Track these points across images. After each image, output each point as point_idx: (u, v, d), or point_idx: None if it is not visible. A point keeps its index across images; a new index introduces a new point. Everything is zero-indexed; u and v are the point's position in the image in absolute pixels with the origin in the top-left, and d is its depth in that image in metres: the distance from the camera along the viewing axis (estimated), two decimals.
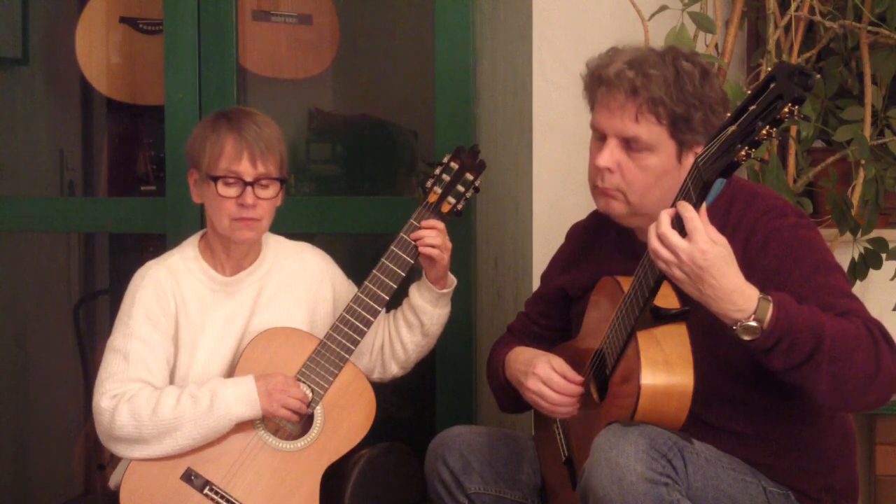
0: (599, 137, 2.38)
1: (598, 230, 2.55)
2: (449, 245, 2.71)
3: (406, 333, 2.78)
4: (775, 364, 2.14)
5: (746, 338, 2.11)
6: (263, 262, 2.73)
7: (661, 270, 2.13)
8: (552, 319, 2.66)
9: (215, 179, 2.59)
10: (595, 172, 2.38)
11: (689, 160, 2.31)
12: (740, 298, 2.10)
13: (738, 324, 2.10)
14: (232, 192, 2.60)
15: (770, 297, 2.11)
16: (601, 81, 2.36)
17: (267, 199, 2.63)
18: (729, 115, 2.14)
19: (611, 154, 2.34)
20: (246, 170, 2.60)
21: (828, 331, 2.12)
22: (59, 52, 3.77)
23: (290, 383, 2.60)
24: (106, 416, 2.55)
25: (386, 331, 2.80)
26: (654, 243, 2.10)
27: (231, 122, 2.62)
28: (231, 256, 2.70)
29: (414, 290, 2.77)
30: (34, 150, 3.82)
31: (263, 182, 2.61)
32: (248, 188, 2.60)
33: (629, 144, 2.34)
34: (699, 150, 2.29)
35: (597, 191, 2.39)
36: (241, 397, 2.56)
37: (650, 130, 2.32)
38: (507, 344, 2.66)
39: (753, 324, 2.10)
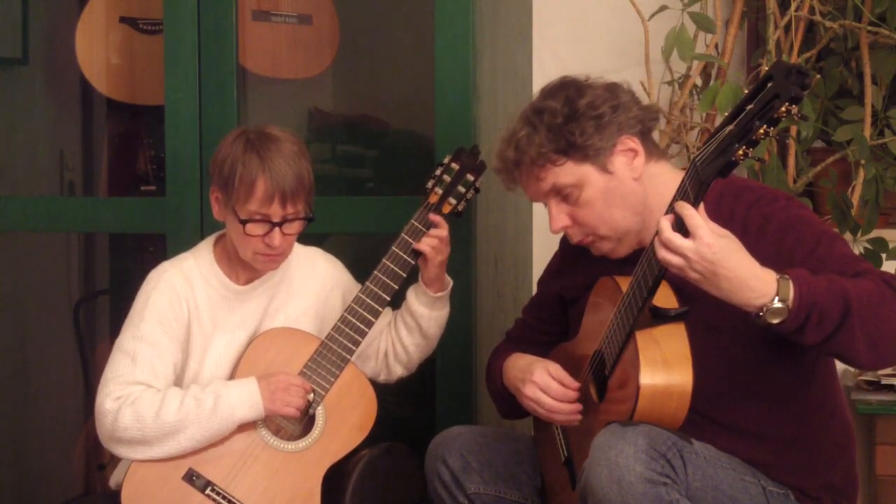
0: (543, 205, 2.45)
1: None
2: (447, 248, 2.71)
3: (406, 336, 2.78)
4: (809, 339, 2.12)
5: (776, 321, 2.09)
6: (276, 272, 2.72)
7: (662, 272, 2.13)
8: (550, 324, 2.66)
9: (244, 221, 2.56)
10: (562, 234, 2.45)
11: (619, 161, 2.36)
12: (759, 284, 2.08)
13: (765, 309, 2.09)
14: (260, 230, 2.57)
15: (787, 275, 2.10)
16: (498, 173, 2.47)
17: (292, 234, 2.61)
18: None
19: (557, 215, 2.41)
20: (275, 212, 2.55)
21: (852, 293, 2.12)
22: (59, 52, 3.77)
23: (292, 381, 2.59)
24: (109, 418, 2.55)
25: (389, 335, 2.81)
26: (662, 252, 2.09)
27: (262, 159, 2.54)
28: (247, 268, 2.68)
29: (411, 294, 2.77)
30: (34, 150, 3.82)
31: (291, 219, 2.59)
32: (276, 228, 2.57)
33: (561, 195, 2.39)
34: (622, 145, 2.35)
35: (578, 244, 2.45)
36: (245, 399, 2.56)
37: (557, 174, 2.37)
38: (505, 350, 2.66)
39: (779, 305, 2.08)
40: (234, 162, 2.57)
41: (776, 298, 2.08)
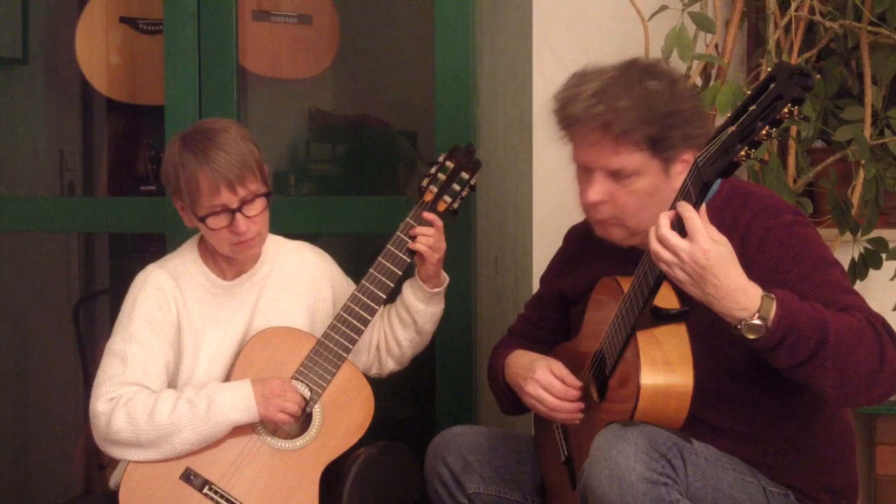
0: (584, 170, 2.36)
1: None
2: (443, 245, 2.71)
3: (400, 330, 2.79)
4: (780, 361, 2.13)
5: (751, 336, 2.10)
6: (263, 265, 2.72)
7: (662, 272, 2.13)
8: (552, 322, 2.66)
9: (202, 219, 2.57)
10: (588, 206, 2.35)
11: (677, 169, 2.30)
12: (743, 297, 2.09)
13: (743, 322, 2.10)
14: (222, 222, 2.57)
15: (773, 295, 2.11)
16: (571, 120, 2.33)
17: (257, 215, 2.60)
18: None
19: (600, 187, 2.32)
20: (229, 200, 2.55)
21: (831, 326, 2.11)
22: (59, 52, 3.77)
23: (286, 387, 2.60)
24: (102, 420, 2.55)
25: (382, 329, 2.81)
26: (655, 245, 2.09)
27: (197, 155, 2.54)
28: (232, 263, 2.69)
29: (407, 289, 2.77)
30: (34, 150, 3.82)
31: (249, 201, 2.58)
32: (237, 214, 2.56)
33: (615, 174, 2.31)
34: (686, 156, 2.29)
35: (593, 220, 2.38)
36: (238, 403, 2.56)
37: (632, 158, 2.29)
38: (507, 347, 2.66)
39: (758, 322, 2.09)
40: (175, 167, 2.57)
41: (756, 315, 2.09)
